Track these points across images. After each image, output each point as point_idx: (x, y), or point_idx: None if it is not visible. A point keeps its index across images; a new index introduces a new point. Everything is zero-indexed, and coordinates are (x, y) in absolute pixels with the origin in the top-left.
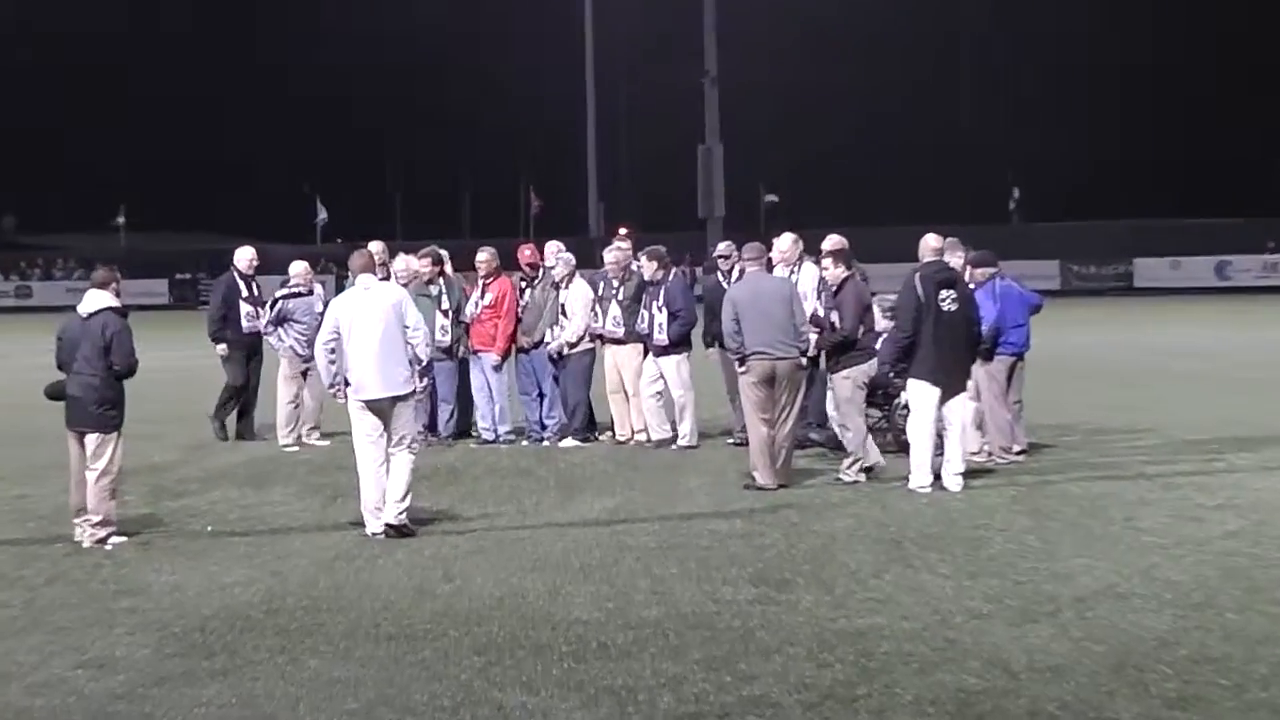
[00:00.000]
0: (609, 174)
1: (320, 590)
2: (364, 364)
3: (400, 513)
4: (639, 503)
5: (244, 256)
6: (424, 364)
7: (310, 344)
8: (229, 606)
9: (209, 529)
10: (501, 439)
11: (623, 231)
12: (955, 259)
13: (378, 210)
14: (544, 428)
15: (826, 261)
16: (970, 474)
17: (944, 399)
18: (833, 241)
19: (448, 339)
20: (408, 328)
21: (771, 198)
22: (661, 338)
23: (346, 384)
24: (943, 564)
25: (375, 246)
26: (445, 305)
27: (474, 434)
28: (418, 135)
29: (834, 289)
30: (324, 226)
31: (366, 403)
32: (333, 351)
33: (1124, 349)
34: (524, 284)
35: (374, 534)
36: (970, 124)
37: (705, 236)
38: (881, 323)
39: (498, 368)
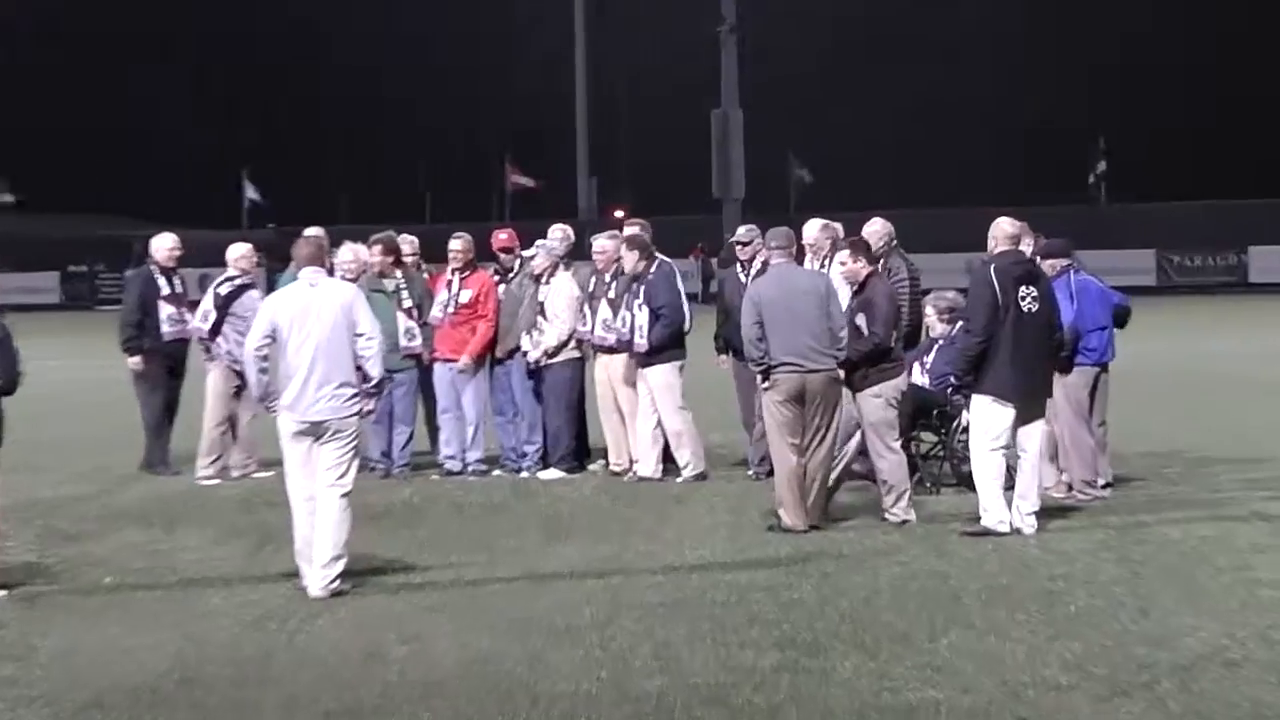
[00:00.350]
0: (604, 144)
1: (246, 656)
2: (301, 377)
3: (331, 580)
4: (639, 549)
5: (163, 246)
6: (376, 383)
7: None
8: (133, 676)
9: (109, 581)
10: (471, 469)
11: (620, 214)
12: (1024, 247)
13: (317, 189)
14: (523, 456)
15: (843, 255)
16: (1045, 513)
17: (1020, 422)
18: (871, 229)
19: (416, 343)
20: (360, 335)
21: (804, 174)
22: (642, 342)
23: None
24: (1013, 624)
25: (313, 233)
26: (406, 302)
27: (437, 463)
28: (367, 98)
29: (856, 288)
30: (253, 209)
31: (301, 425)
32: (266, 359)
33: (1235, 359)
34: (496, 277)
35: (314, 587)
36: (1042, 82)
37: (721, 220)
38: (939, 327)
39: (467, 375)
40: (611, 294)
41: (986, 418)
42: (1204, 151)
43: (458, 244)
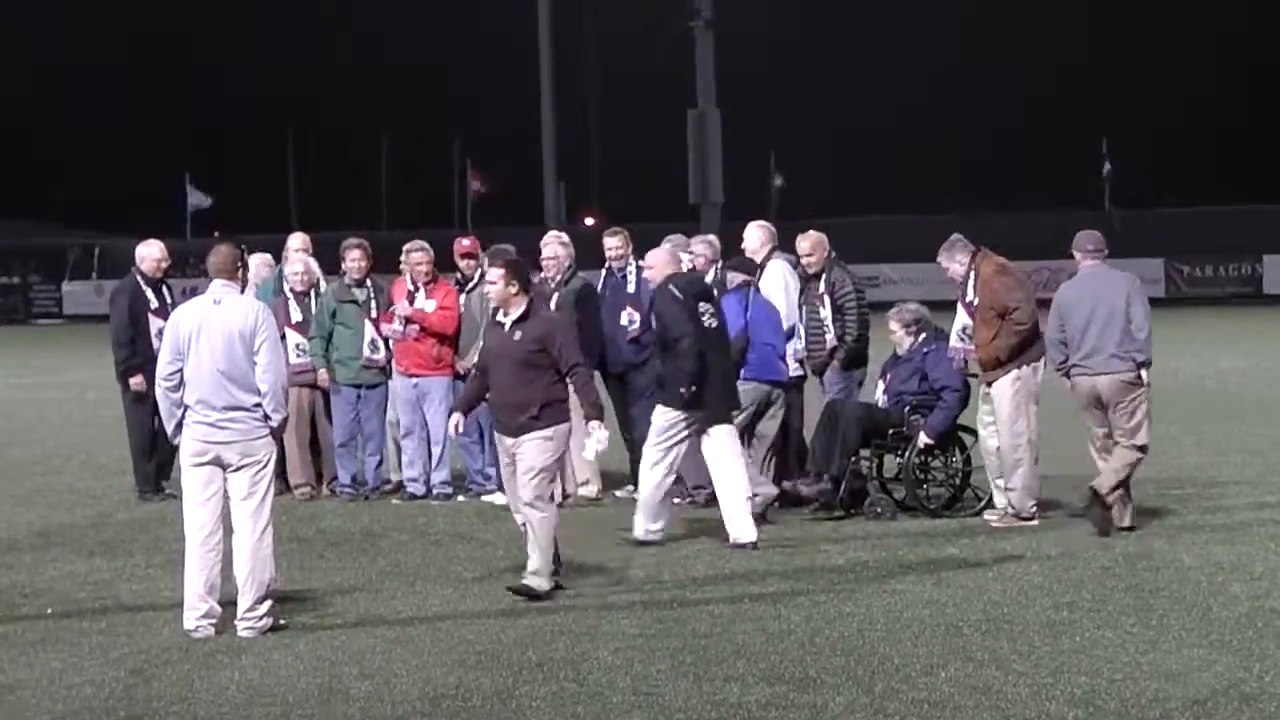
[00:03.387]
0: (572, 146)
1: (196, 693)
2: (200, 398)
3: (258, 620)
4: (615, 576)
5: (149, 255)
6: (275, 425)
7: None
8: (77, 714)
9: (49, 612)
10: (436, 492)
11: (590, 221)
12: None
13: (269, 194)
14: (488, 479)
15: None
16: (1052, 538)
17: (703, 428)
18: (805, 243)
19: (379, 355)
20: (255, 365)
21: (777, 179)
22: None
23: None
24: (1015, 657)
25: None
26: (374, 313)
27: (399, 485)
28: (319, 98)
29: None
30: (195, 215)
31: (203, 451)
32: (177, 387)
33: (1248, 376)
34: (456, 287)
35: (192, 632)
36: (1045, 80)
37: (700, 227)
38: (906, 340)
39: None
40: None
41: (660, 424)
42: (1216, 154)
43: (421, 255)
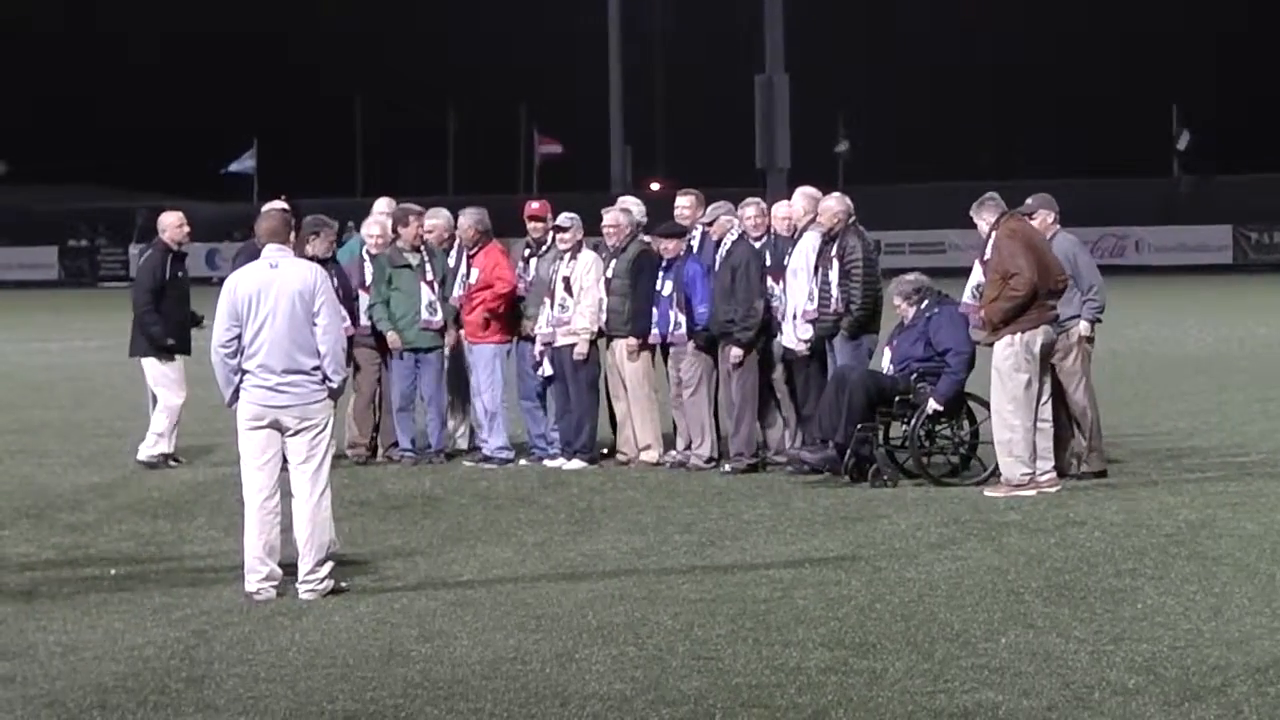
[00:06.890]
0: (639, 111)
1: (257, 654)
2: (259, 362)
3: (319, 583)
4: (677, 542)
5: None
6: (335, 386)
7: None
8: (138, 674)
9: (112, 573)
10: (496, 457)
11: (656, 185)
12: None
13: (333, 157)
14: (550, 443)
15: None
16: (1115, 502)
17: None
18: (826, 205)
19: (437, 318)
20: (315, 326)
21: (845, 145)
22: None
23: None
24: (1076, 623)
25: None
26: (429, 275)
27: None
28: (385, 64)
29: None
30: (243, 178)
31: (262, 414)
32: (235, 354)
33: None
34: (528, 250)
35: (254, 594)
36: (1113, 46)
37: (765, 193)
38: (910, 311)
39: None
40: (611, 273)
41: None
42: None
43: (466, 220)
